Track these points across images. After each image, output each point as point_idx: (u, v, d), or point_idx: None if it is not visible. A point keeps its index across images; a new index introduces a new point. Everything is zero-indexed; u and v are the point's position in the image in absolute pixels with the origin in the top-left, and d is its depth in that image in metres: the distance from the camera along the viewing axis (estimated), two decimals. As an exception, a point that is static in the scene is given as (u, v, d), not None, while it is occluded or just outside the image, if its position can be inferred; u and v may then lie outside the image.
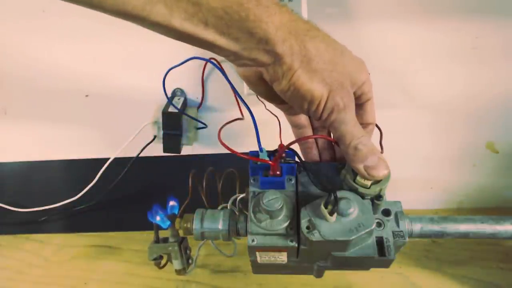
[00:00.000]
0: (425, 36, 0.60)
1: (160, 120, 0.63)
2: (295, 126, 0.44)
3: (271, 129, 0.43)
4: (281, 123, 0.45)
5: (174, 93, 0.66)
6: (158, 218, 0.42)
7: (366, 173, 0.33)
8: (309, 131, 0.43)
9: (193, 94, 0.66)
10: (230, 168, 0.45)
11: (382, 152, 0.35)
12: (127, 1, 0.29)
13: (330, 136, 0.38)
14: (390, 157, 0.35)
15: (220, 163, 0.48)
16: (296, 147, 0.39)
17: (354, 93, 0.36)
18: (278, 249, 0.35)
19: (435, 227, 0.38)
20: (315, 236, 0.32)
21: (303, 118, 0.43)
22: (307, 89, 0.33)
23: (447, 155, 0.70)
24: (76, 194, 0.68)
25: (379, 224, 0.36)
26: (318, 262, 0.38)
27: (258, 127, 0.36)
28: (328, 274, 0.42)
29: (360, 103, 0.38)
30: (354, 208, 0.33)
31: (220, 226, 0.38)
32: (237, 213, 0.40)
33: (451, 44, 0.61)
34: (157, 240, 0.41)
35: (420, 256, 0.65)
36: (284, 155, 0.37)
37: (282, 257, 0.36)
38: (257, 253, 0.36)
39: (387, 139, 0.39)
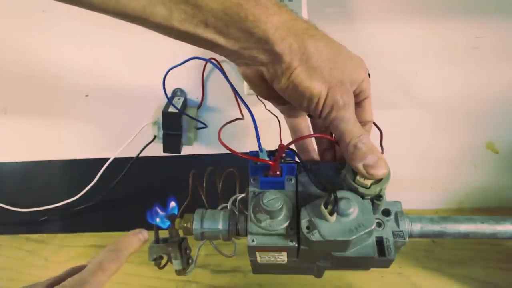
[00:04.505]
0: (425, 36, 0.60)
1: (160, 120, 0.63)
2: (294, 131, 0.44)
3: (271, 129, 0.43)
4: (281, 123, 0.45)
5: (174, 93, 0.66)
6: (158, 219, 0.42)
7: (365, 172, 0.33)
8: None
9: (193, 94, 0.66)
10: (230, 168, 0.45)
11: (382, 153, 0.35)
12: (128, 4, 0.29)
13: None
14: (390, 157, 0.35)
15: (220, 163, 0.48)
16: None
17: (353, 91, 0.36)
18: (278, 249, 0.35)
19: (435, 227, 0.38)
20: (315, 236, 0.32)
21: (302, 124, 0.43)
22: (306, 87, 0.33)
23: (447, 155, 0.70)
24: (76, 194, 0.68)
25: (379, 224, 0.36)
26: (318, 262, 0.38)
27: (258, 127, 0.36)
28: (328, 274, 0.42)
29: (358, 101, 0.38)
30: (354, 208, 0.33)
31: (220, 226, 0.38)
32: (237, 213, 0.40)
33: (451, 44, 0.61)
34: (157, 240, 0.41)
35: (420, 256, 0.65)
36: (284, 155, 0.37)
37: (282, 257, 0.36)
38: (257, 253, 0.36)
39: (387, 139, 0.39)
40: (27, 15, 0.61)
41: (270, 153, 0.37)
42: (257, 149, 0.37)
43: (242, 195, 0.40)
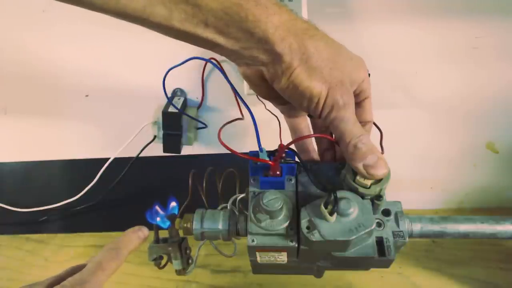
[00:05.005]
0: (425, 36, 0.60)
1: (160, 120, 0.63)
2: (294, 131, 0.44)
3: (271, 129, 0.43)
4: (281, 123, 0.45)
5: (174, 93, 0.66)
6: (158, 219, 0.42)
7: (365, 172, 0.33)
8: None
9: (193, 94, 0.66)
10: (230, 168, 0.45)
11: (382, 153, 0.35)
12: (128, 4, 0.29)
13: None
14: (390, 157, 0.35)
15: (220, 163, 0.48)
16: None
17: (354, 91, 0.36)
18: (278, 249, 0.35)
19: (435, 227, 0.38)
20: (315, 236, 0.32)
21: (302, 124, 0.43)
22: (306, 87, 0.33)
23: (447, 155, 0.70)
24: (76, 194, 0.68)
25: (379, 224, 0.36)
26: (318, 262, 0.38)
27: (258, 127, 0.36)
28: (328, 274, 0.42)
29: (358, 101, 0.38)
30: (354, 208, 0.33)
31: (220, 226, 0.38)
32: (237, 213, 0.40)
33: (451, 44, 0.61)
34: (157, 240, 0.41)
35: (420, 256, 0.65)
36: (284, 155, 0.37)
37: (282, 257, 0.36)
38: (257, 253, 0.36)
39: (387, 139, 0.39)
40: (27, 15, 0.61)
41: (270, 153, 0.37)
42: (257, 149, 0.37)
43: (242, 195, 0.40)
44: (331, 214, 0.33)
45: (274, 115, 0.45)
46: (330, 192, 0.33)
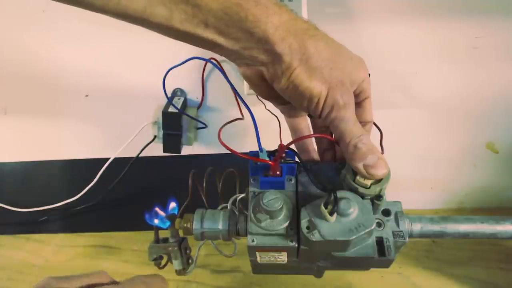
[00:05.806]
0: (425, 36, 0.60)
1: (160, 120, 0.63)
2: (295, 131, 0.44)
3: (271, 129, 0.44)
4: (281, 123, 0.45)
5: (174, 93, 0.66)
6: (156, 221, 0.42)
7: (365, 172, 0.33)
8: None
9: (193, 94, 0.66)
10: (230, 168, 0.45)
11: (382, 153, 0.35)
12: (128, 5, 0.29)
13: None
14: (390, 157, 0.35)
15: (220, 163, 0.48)
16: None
17: (354, 91, 0.36)
18: (278, 249, 0.35)
19: (435, 227, 0.38)
20: (315, 236, 0.32)
21: (303, 124, 0.43)
22: (306, 87, 0.34)
23: (447, 155, 0.70)
24: (76, 194, 0.68)
25: (379, 224, 0.36)
26: (318, 262, 0.38)
27: (258, 127, 0.36)
28: (328, 274, 0.42)
29: (358, 101, 0.38)
30: (354, 208, 0.33)
31: (220, 226, 0.38)
32: (237, 213, 0.40)
33: (451, 44, 0.61)
34: (157, 241, 0.41)
35: (420, 256, 0.65)
36: (284, 155, 0.37)
37: (282, 257, 0.36)
38: (257, 253, 0.36)
39: (387, 139, 0.39)
40: (27, 15, 0.61)
41: (270, 153, 0.37)
42: (257, 149, 0.37)
43: (242, 195, 0.40)
44: (331, 214, 0.33)
45: (274, 115, 0.45)
46: (330, 192, 0.33)
